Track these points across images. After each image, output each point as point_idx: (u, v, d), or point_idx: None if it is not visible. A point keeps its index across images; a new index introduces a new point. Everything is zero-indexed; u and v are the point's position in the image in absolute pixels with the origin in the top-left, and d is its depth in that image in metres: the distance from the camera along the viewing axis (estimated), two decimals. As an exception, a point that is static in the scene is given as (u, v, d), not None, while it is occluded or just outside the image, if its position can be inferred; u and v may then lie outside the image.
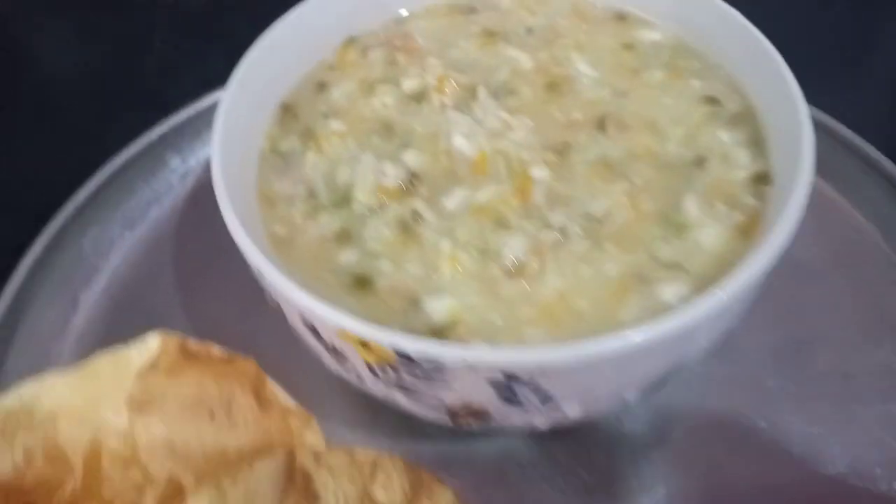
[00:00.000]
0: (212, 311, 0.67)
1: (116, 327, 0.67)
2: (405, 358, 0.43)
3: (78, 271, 0.70)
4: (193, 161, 0.79)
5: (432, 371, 0.43)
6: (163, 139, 0.78)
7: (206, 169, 0.78)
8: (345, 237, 0.52)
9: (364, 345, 0.44)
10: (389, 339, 0.42)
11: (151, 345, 0.61)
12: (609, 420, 0.58)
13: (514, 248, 0.50)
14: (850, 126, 0.73)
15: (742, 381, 0.60)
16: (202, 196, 0.76)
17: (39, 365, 0.63)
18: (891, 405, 0.59)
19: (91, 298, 0.69)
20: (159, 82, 0.94)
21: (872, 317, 0.63)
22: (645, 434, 0.58)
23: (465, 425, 0.51)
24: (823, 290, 0.65)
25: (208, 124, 0.78)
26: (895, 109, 0.89)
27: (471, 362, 0.42)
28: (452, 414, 0.50)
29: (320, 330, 0.46)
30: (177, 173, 0.78)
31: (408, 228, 0.52)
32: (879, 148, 0.71)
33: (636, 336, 0.42)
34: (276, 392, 0.60)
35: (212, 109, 0.78)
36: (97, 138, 0.86)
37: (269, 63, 0.59)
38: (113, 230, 0.73)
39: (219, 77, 0.92)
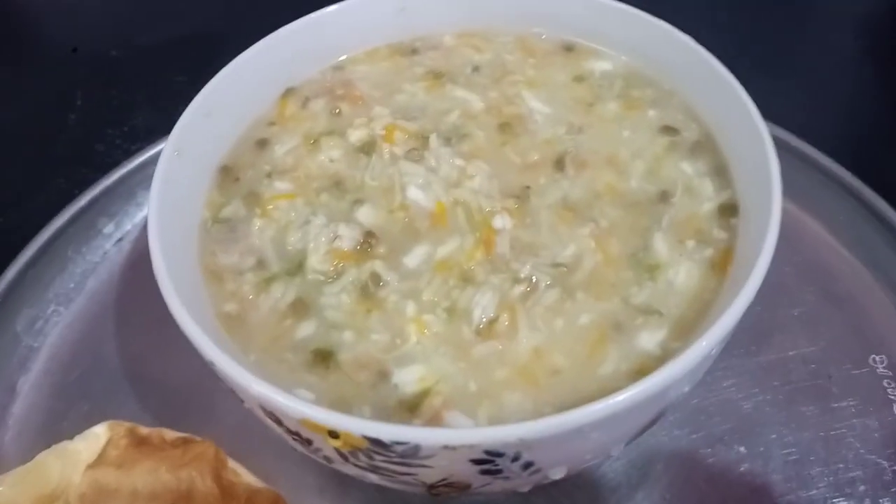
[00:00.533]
0: (161, 388, 0.62)
1: (59, 414, 0.62)
2: (377, 443, 0.40)
3: (13, 356, 0.65)
4: (128, 224, 0.74)
5: (407, 453, 0.40)
6: (93, 203, 0.73)
7: (143, 231, 0.74)
8: (301, 309, 0.49)
9: (332, 433, 0.40)
10: (359, 426, 0.39)
11: (99, 435, 0.57)
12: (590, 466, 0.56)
13: (482, 304, 0.48)
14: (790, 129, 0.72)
15: (718, 408, 0.59)
16: (140, 262, 0.71)
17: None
18: (868, 420, 0.58)
19: (29, 384, 0.64)
20: (84, 139, 0.89)
21: (849, 332, 0.62)
22: (627, 473, 0.56)
23: (444, 496, 0.48)
24: (799, 307, 0.64)
25: (140, 183, 0.75)
26: (827, 110, 0.90)
27: (450, 445, 0.39)
28: (430, 487, 0.46)
29: (282, 419, 0.42)
30: (111, 239, 0.73)
31: (368, 293, 0.49)
32: (825, 151, 0.71)
33: (622, 398, 0.39)
34: (239, 472, 0.56)
35: (143, 167, 0.75)
36: (18, 206, 0.81)
37: (205, 124, 0.55)
38: (47, 308, 0.68)
39: (146, 130, 0.90)
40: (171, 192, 0.51)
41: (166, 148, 0.53)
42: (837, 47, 0.97)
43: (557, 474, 0.46)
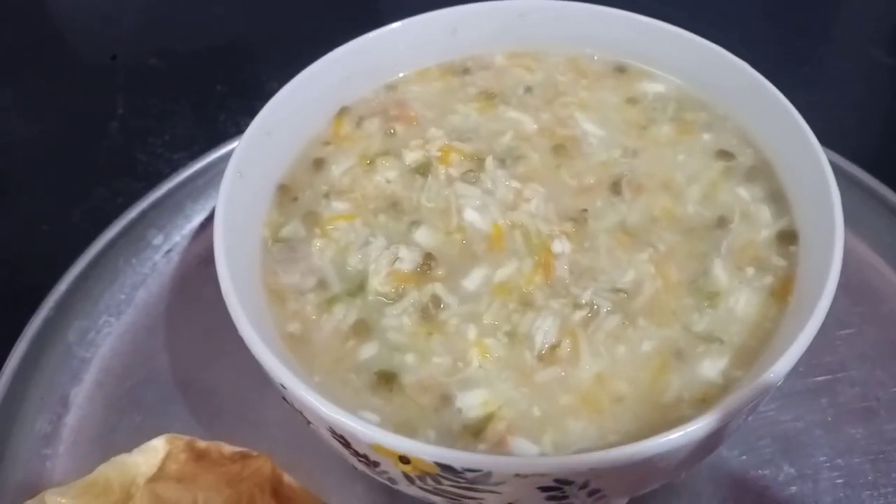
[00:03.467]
0: (211, 399, 0.63)
1: (112, 426, 0.63)
2: (448, 469, 0.41)
3: (66, 367, 0.65)
4: (177, 236, 0.75)
5: (477, 480, 0.41)
6: (142, 216, 0.74)
7: (192, 243, 0.75)
8: (363, 330, 0.49)
9: (402, 458, 0.41)
10: (432, 453, 0.40)
11: (158, 449, 0.58)
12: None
13: (544, 329, 0.48)
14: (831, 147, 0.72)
15: (767, 429, 0.59)
16: (189, 274, 0.72)
17: (35, 476, 0.59)
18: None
19: (82, 395, 0.65)
20: (125, 148, 0.90)
21: (894, 352, 0.63)
22: (678, 495, 0.57)
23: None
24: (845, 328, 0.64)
25: (188, 195, 0.76)
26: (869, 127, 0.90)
27: (522, 473, 0.39)
28: (492, 510, 0.47)
29: (352, 443, 0.43)
30: (160, 251, 0.74)
31: (429, 315, 0.50)
32: (868, 169, 0.71)
33: (693, 429, 0.40)
34: (295, 487, 0.57)
35: (191, 179, 0.76)
36: (64, 215, 0.82)
37: (265, 144, 0.56)
38: (98, 319, 0.69)
39: (188, 138, 0.91)
40: (233, 213, 0.52)
41: (229, 169, 0.53)
42: (875, 61, 0.97)
43: (620, 499, 0.46)
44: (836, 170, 0.70)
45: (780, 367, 0.42)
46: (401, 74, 0.65)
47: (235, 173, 0.53)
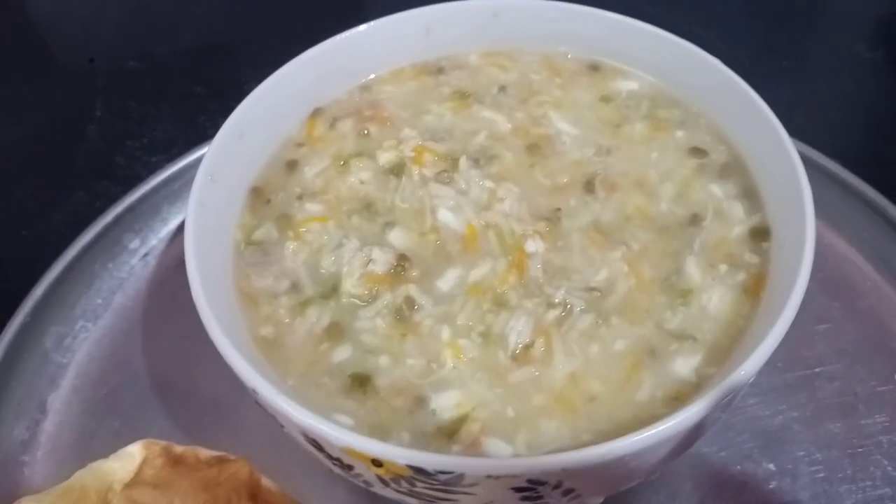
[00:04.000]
0: (189, 404, 0.63)
1: (90, 431, 0.62)
2: (421, 472, 0.40)
3: (43, 373, 0.65)
4: (153, 239, 0.74)
5: (451, 482, 0.41)
6: (118, 219, 0.73)
7: (168, 247, 0.74)
8: (336, 333, 0.49)
9: (375, 461, 0.41)
10: (404, 456, 0.40)
11: (134, 454, 0.57)
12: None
13: (517, 329, 0.48)
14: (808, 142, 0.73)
15: (745, 425, 0.59)
16: (166, 278, 0.72)
17: (13, 484, 0.59)
18: (894, 436, 0.59)
19: (59, 401, 0.64)
20: (104, 151, 0.89)
21: (873, 349, 0.63)
22: (657, 492, 0.56)
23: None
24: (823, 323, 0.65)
25: (165, 199, 0.76)
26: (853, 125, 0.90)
27: (494, 474, 0.39)
28: (468, 511, 0.47)
29: (324, 446, 0.43)
30: (137, 255, 0.73)
31: (403, 317, 0.49)
32: (846, 165, 0.71)
33: (664, 427, 0.40)
34: (273, 491, 0.57)
35: (167, 182, 0.75)
36: (43, 219, 0.81)
37: (237, 147, 0.56)
38: (75, 324, 0.68)
39: (166, 141, 0.91)
40: (205, 216, 0.52)
41: (200, 171, 0.53)
42: (857, 58, 0.97)
43: (595, 499, 0.46)
44: (815, 166, 0.71)
45: (751, 364, 0.42)
46: (374, 75, 0.65)
47: (206, 176, 0.53)
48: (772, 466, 0.57)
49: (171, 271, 0.72)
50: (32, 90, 0.99)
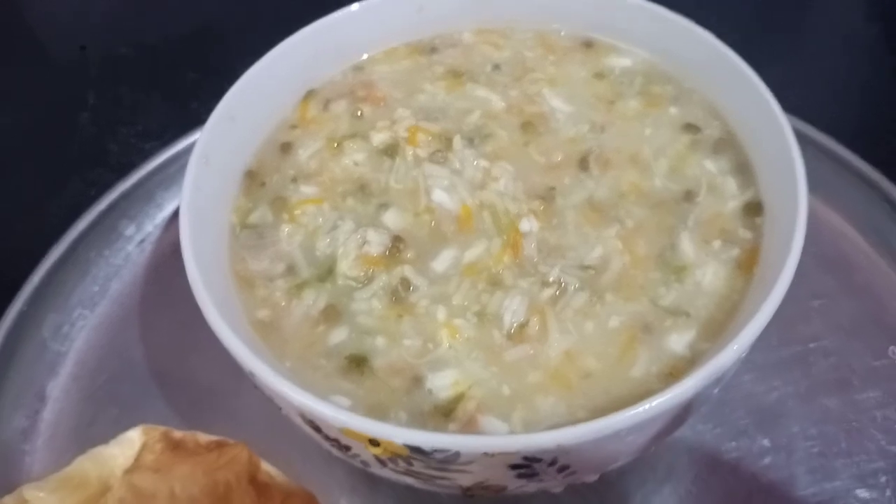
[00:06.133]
0: (188, 389, 0.63)
1: (89, 419, 0.63)
2: (418, 451, 0.41)
3: (41, 361, 0.65)
4: (149, 225, 0.74)
5: (447, 460, 0.41)
6: (113, 206, 0.73)
7: (164, 232, 0.74)
8: (333, 315, 0.49)
9: (372, 441, 0.41)
10: (400, 435, 0.40)
11: (133, 440, 0.58)
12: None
13: (512, 309, 0.48)
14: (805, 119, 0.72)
15: (741, 401, 0.59)
16: (163, 263, 0.72)
17: (15, 472, 0.59)
18: (889, 411, 0.59)
19: (58, 389, 0.64)
20: (97, 139, 0.89)
21: (868, 323, 0.63)
22: (653, 468, 0.57)
23: (478, 497, 0.49)
24: (819, 299, 0.65)
25: (159, 184, 0.75)
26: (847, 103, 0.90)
27: (489, 451, 0.40)
28: (465, 490, 0.47)
29: (322, 427, 0.43)
30: (132, 241, 0.73)
31: (399, 298, 0.49)
32: (842, 141, 0.71)
33: (657, 402, 0.40)
34: (273, 474, 0.57)
35: (161, 168, 0.75)
36: (38, 208, 0.81)
37: (230, 129, 0.56)
38: (73, 312, 0.68)
39: (160, 127, 0.90)
40: (200, 200, 0.52)
41: (193, 155, 0.53)
42: (853, 33, 0.96)
43: (591, 475, 0.47)
44: (809, 141, 0.71)
45: (744, 338, 0.42)
46: (367, 55, 0.64)
47: (201, 160, 0.52)
48: (767, 442, 0.58)
49: (168, 257, 0.72)
50: (24, 79, 0.99)
